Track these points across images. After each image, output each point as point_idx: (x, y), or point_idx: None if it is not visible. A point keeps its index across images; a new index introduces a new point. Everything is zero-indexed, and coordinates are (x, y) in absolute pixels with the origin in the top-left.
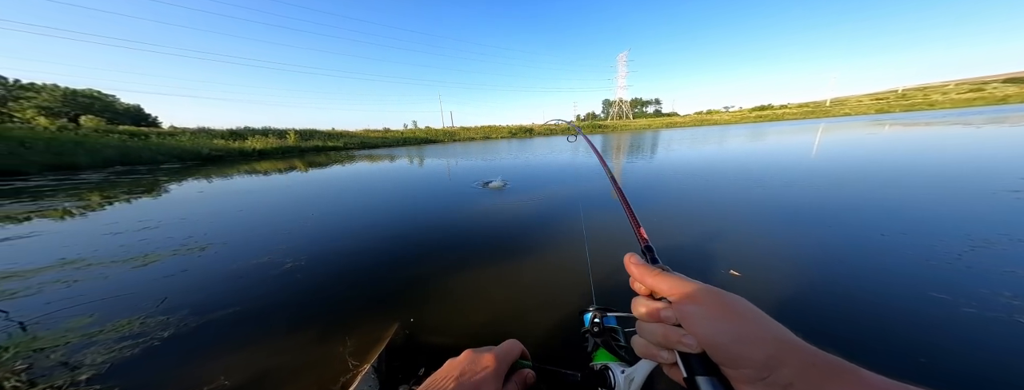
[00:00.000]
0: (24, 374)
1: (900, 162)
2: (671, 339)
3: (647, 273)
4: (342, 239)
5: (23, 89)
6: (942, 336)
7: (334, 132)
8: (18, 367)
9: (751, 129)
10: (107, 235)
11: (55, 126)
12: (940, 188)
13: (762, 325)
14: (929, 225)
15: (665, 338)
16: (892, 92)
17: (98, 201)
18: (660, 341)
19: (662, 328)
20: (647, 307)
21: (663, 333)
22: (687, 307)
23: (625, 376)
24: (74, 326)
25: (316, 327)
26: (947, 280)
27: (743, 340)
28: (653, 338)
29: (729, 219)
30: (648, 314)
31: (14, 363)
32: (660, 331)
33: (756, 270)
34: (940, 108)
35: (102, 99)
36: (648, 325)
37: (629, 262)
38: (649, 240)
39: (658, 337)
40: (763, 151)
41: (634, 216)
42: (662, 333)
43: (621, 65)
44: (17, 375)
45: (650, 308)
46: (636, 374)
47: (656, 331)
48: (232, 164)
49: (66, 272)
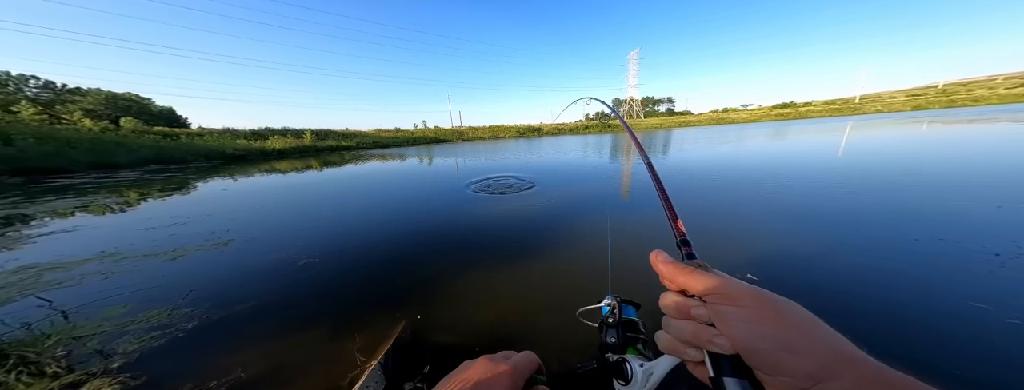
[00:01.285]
0: (64, 360)
1: (939, 163)
2: (701, 338)
3: (678, 271)
4: (353, 237)
5: (70, 93)
6: (980, 348)
7: (347, 132)
8: (58, 354)
9: (771, 128)
10: (141, 230)
11: (99, 127)
12: (983, 191)
13: (814, 333)
14: (970, 231)
15: (695, 336)
16: (932, 87)
17: (134, 198)
18: (689, 339)
19: (692, 325)
20: (677, 303)
21: (693, 331)
22: (724, 308)
23: (644, 370)
24: (110, 316)
25: (327, 323)
26: (989, 289)
27: (789, 348)
28: (681, 335)
29: (747, 222)
30: (678, 311)
31: (55, 350)
32: (690, 329)
33: (776, 276)
34: (985, 104)
35: (139, 102)
36: (677, 322)
37: (656, 260)
38: (687, 233)
39: (687, 335)
40: (784, 151)
41: (672, 207)
42: (692, 331)
43: (632, 63)
44: (58, 361)
45: (680, 304)
46: (656, 369)
47: (685, 328)
48: (253, 163)
49: (104, 264)
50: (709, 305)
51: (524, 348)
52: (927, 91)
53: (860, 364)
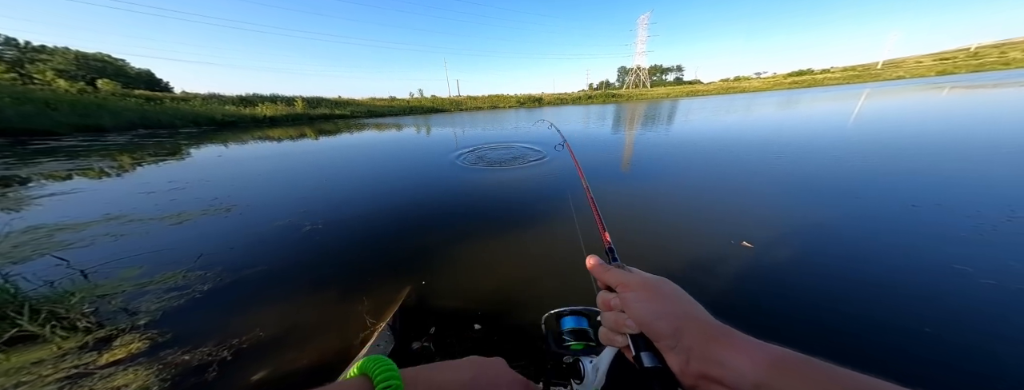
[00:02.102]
0: (92, 317)
1: (949, 129)
2: (619, 324)
3: (602, 270)
4: (356, 205)
5: (36, 51)
6: (954, 308)
7: (341, 100)
8: (86, 310)
9: (784, 97)
10: (142, 194)
11: (75, 88)
12: (988, 156)
13: (673, 303)
14: (970, 196)
15: (616, 324)
16: (963, 50)
17: (129, 162)
18: (613, 326)
19: (614, 315)
20: (603, 299)
21: (614, 319)
22: (627, 294)
23: (593, 366)
24: (127, 276)
25: (336, 287)
26: (974, 253)
27: (659, 316)
28: (608, 325)
29: (748, 191)
30: (604, 305)
31: (82, 307)
32: (612, 318)
33: (772, 241)
34: (1016, 67)
35: (113, 63)
36: (606, 314)
37: (591, 262)
38: (611, 242)
39: (611, 323)
40: (793, 121)
41: (601, 221)
42: (613, 319)
43: (641, 29)
44: (87, 318)
45: (605, 300)
46: (601, 362)
47: (609, 318)
48: (245, 130)
49: (112, 227)
50: (619, 295)
51: (523, 313)
52: (957, 55)
53: (698, 321)
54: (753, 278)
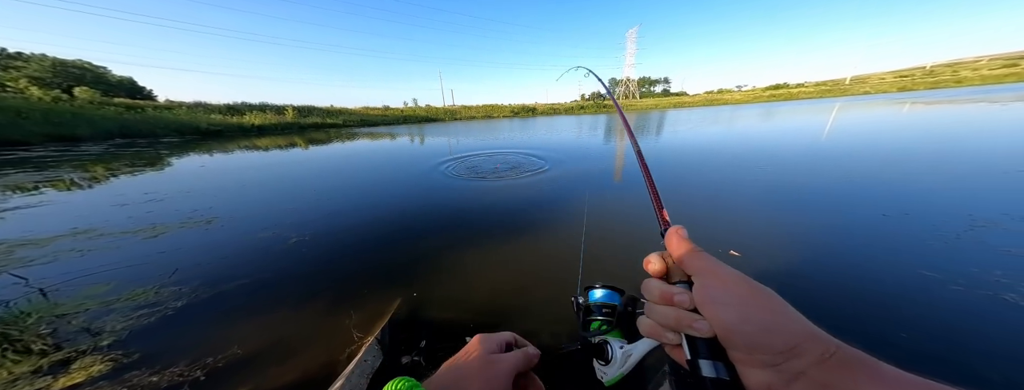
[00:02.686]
0: (49, 338)
1: (913, 143)
2: (683, 322)
3: (686, 248)
4: (345, 215)
5: (11, 58)
6: (925, 313)
7: (333, 109)
8: (43, 331)
9: (763, 109)
10: (115, 206)
11: (50, 97)
12: (950, 168)
13: (791, 317)
14: (934, 206)
15: (677, 322)
16: (919, 68)
17: (103, 173)
18: (671, 324)
19: (675, 311)
20: (661, 290)
21: (676, 316)
22: (713, 291)
23: (623, 352)
24: (92, 294)
25: (322, 300)
26: (941, 260)
27: (769, 330)
28: (664, 320)
29: (732, 200)
30: (661, 297)
31: (38, 328)
32: (672, 314)
33: (757, 250)
34: (968, 85)
35: (93, 70)
36: (660, 307)
37: (675, 233)
38: (672, 223)
39: (670, 320)
40: (772, 133)
41: (658, 196)
42: (675, 316)
43: (630, 42)
44: (42, 339)
45: (664, 292)
46: (635, 351)
47: (668, 314)
48: (232, 139)
49: (79, 241)
50: (697, 287)
51: (518, 324)
52: (914, 72)
53: (824, 342)
54: None
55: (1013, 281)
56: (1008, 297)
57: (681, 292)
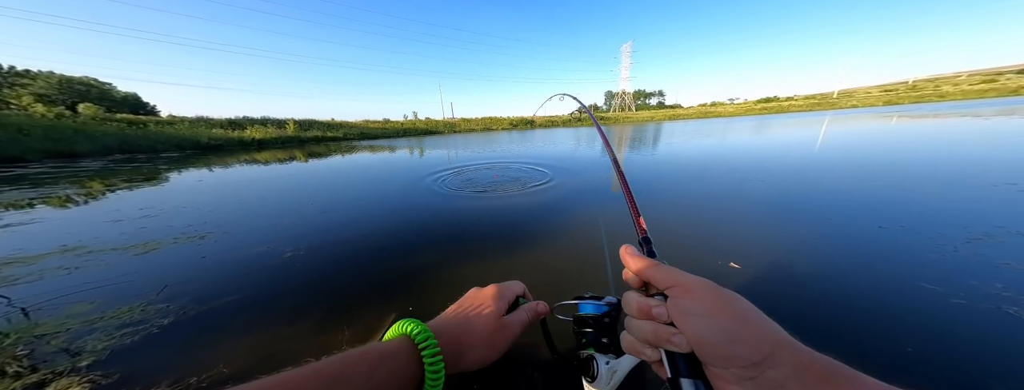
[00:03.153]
0: (25, 359)
1: (903, 155)
2: (661, 337)
3: (644, 264)
4: (342, 229)
5: (19, 76)
6: (929, 327)
7: (333, 122)
8: (19, 352)
9: (756, 121)
10: (108, 222)
11: (53, 113)
12: (942, 181)
13: (759, 324)
14: (928, 218)
15: (655, 336)
16: (903, 83)
17: (99, 188)
18: (649, 339)
19: (651, 325)
20: (638, 303)
21: (652, 331)
22: (682, 301)
23: (608, 367)
24: (75, 312)
25: (315, 316)
26: (941, 272)
27: (738, 339)
28: (641, 335)
29: (729, 212)
30: (639, 311)
31: (15, 349)
32: (649, 329)
33: (756, 262)
34: (950, 99)
35: (99, 87)
36: (637, 322)
37: (626, 253)
38: (648, 231)
39: (647, 335)
40: (767, 144)
41: (635, 205)
42: (651, 330)
43: (624, 56)
44: (18, 360)
45: (641, 305)
46: (620, 367)
47: (645, 329)
48: (232, 153)
49: (67, 259)
50: (669, 300)
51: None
52: (898, 87)
53: (796, 351)
54: None
55: (1015, 294)
56: (1012, 311)
57: (658, 304)
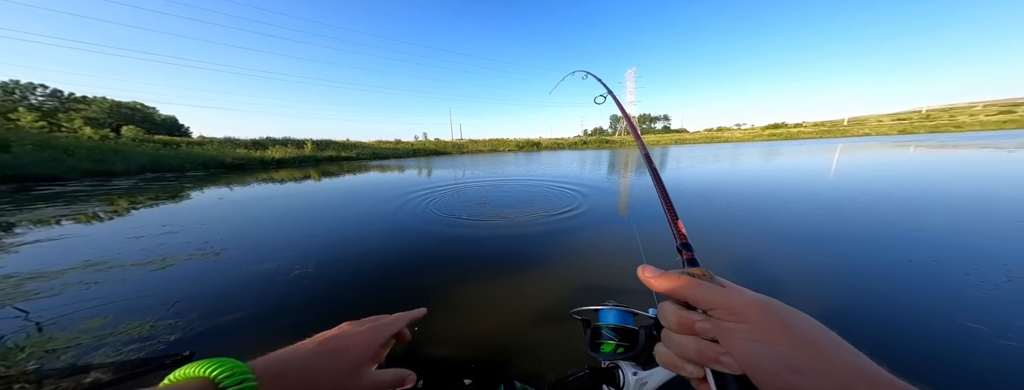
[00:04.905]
0: (33, 375)
1: (928, 186)
2: (707, 356)
3: (676, 284)
4: (350, 247)
5: (75, 101)
6: (981, 368)
7: (348, 143)
8: (29, 367)
9: (764, 147)
10: (131, 238)
11: (98, 135)
12: (973, 214)
13: (825, 351)
14: (963, 253)
15: (699, 354)
16: (916, 112)
17: (126, 206)
18: (693, 356)
19: (695, 342)
20: (678, 317)
21: (697, 348)
22: (728, 324)
23: (637, 379)
24: (88, 327)
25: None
26: (984, 311)
27: (800, 370)
28: (684, 352)
29: (747, 240)
30: (680, 325)
31: (26, 363)
32: (693, 346)
33: (778, 295)
34: (968, 130)
35: (143, 110)
36: (678, 337)
37: (646, 277)
38: (688, 236)
39: (690, 352)
40: (778, 171)
41: (672, 208)
42: (696, 348)
43: (629, 81)
44: (26, 376)
45: (682, 318)
46: (651, 379)
47: (688, 345)
48: (252, 172)
49: (88, 274)
50: (713, 320)
51: (520, 365)
52: (911, 116)
53: (882, 385)
54: None
55: None
56: None
57: (702, 319)
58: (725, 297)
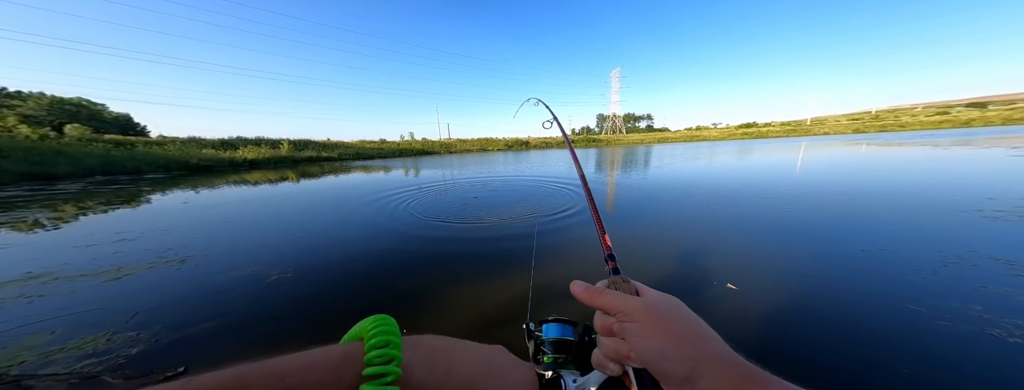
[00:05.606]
0: None
1: (878, 180)
2: (620, 354)
3: (593, 296)
4: (330, 251)
5: (8, 97)
6: (920, 347)
7: (329, 142)
8: None
9: (738, 146)
10: (80, 247)
11: (37, 135)
12: (915, 206)
13: (685, 338)
14: (906, 242)
15: (615, 353)
16: (867, 112)
17: (73, 212)
18: (611, 355)
19: (613, 342)
20: (601, 322)
21: (614, 348)
22: (627, 325)
23: (576, 386)
24: (31, 344)
25: (299, 342)
26: (923, 294)
27: (667, 356)
28: (606, 352)
29: (722, 234)
30: (602, 329)
31: None
32: (611, 345)
33: (750, 283)
34: (910, 129)
35: (90, 108)
36: (603, 339)
37: (574, 290)
38: (612, 248)
39: (609, 351)
40: (750, 168)
41: (601, 223)
42: (613, 348)
43: (614, 81)
44: None
45: (603, 323)
46: (588, 384)
47: (608, 345)
48: (221, 174)
49: (31, 287)
50: (619, 322)
51: None
52: (863, 116)
53: (718, 362)
54: (746, 320)
55: (995, 317)
56: (994, 333)
57: (614, 322)
58: (622, 301)
